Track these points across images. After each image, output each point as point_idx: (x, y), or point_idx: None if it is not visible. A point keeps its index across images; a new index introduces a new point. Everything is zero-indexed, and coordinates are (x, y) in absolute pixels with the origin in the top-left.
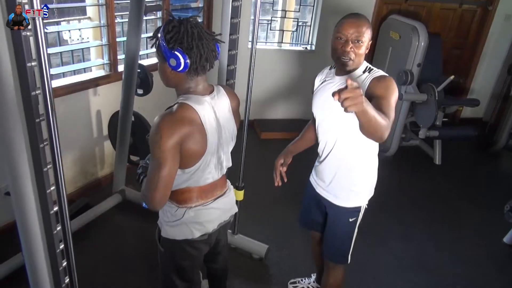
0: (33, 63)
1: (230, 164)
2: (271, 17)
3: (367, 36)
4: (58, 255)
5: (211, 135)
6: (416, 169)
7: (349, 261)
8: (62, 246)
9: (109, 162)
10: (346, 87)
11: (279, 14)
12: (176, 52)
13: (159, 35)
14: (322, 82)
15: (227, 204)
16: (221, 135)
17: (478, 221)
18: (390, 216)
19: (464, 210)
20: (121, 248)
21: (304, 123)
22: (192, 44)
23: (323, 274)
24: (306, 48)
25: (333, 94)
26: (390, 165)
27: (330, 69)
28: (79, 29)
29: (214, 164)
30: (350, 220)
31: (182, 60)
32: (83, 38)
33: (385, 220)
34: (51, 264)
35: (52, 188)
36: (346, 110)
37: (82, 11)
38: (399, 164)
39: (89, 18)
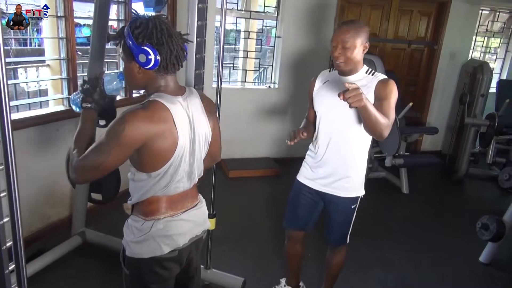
0: None
1: (202, 174)
2: (234, 57)
3: (355, 40)
4: None
5: (183, 137)
6: (385, 199)
7: (348, 241)
8: None
9: (68, 204)
10: (347, 89)
11: (241, 54)
12: (145, 48)
13: (125, 32)
14: (325, 82)
15: (199, 217)
16: (194, 139)
17: (452, 242)
18: (367, 243)
19: (437, 233)
20: None
21: (271, 161)
22: (162, 40)
23: (327, 256)
24: (269, 86)
25: (339, 95)
26: None
27: (330, 72)
28: (36, 66)
29: (186, 171)
30: (352, 206)
31: (152, 56)
32: (40, 86)
33: (363, 247)
34: None
35: (6, 219)
36: (350, 106)
37: (41, 61)
38: (368, 195)
39: (48, 65)
